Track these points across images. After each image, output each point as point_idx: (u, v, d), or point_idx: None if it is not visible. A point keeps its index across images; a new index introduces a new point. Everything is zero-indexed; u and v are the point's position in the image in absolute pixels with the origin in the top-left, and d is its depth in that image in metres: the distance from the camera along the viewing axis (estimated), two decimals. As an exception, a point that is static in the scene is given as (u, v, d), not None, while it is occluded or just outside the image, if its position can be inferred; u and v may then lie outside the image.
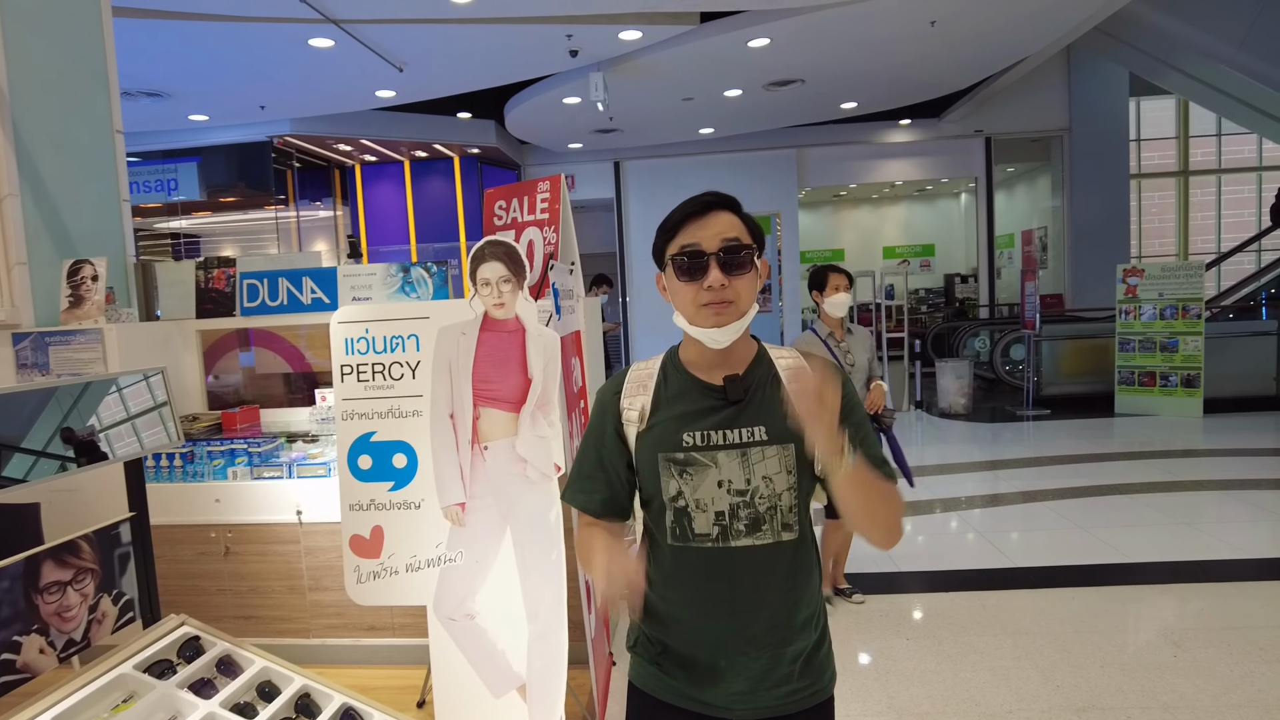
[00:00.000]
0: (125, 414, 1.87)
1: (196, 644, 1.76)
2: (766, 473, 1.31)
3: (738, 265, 1.29)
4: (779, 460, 1.31)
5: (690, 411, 1.34)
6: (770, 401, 1.33)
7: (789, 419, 1.27)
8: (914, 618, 3.64)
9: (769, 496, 1.31)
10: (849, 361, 3.69)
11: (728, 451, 1.31)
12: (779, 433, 1.32)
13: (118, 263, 3.52)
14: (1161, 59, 10.21)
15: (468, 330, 2.57)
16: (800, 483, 1.33)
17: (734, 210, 1.34)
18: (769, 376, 1.37)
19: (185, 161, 9.64)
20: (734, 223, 1.32)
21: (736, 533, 1.31)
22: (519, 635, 2.56)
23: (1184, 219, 13.91)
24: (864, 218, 15.60)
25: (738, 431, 1.32)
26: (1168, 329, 7.98)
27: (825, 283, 3.73)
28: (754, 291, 1.34)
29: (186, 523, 3.24)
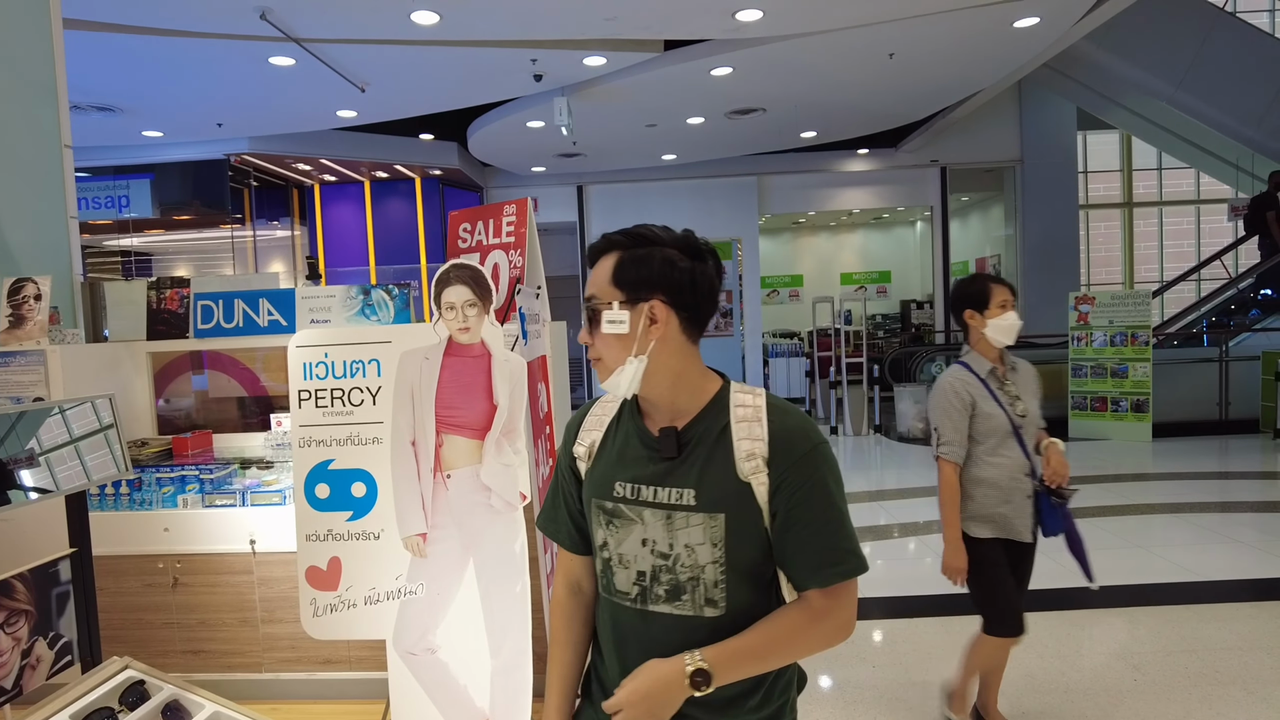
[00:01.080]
0: (68, 441, 1.77)
1: (141, 689, 1.66)
2: (689, 541, 1.19)
3: (596, 323, 1.22)
4: (704, 530, 1.18)
5: (628, 459, 1.25)
6: (710, 460, 1.20)
7: (732, 481, 1.17)
8: (880, 644, 3.63)
9: (690, 567, 1.20)
10: (1019, 411, 2.70)
11: (654, 510, 1.21)
12: (709, 499, 1.18)
13: (64, 281, 3.39)
14: (1106, 95, 10.61)
15: (431, 355, 2.52)
16: (732, 558, 1.18)
17: (617, 252, 1.23)
18: (716, 430, 1.22)
19: (138, 178, 9.39)
20: (603, 274, 1.23)
21: (655, 597, 1.22)
22: (482, 670, 2.48)
23: (1129, 249, 14.38)
24: (822, 244, 15.83)
25: (666, 491, 1.20)
26: (1118, 355, 8.20)
27: (988, 298, 2.70)
28: (619, 348, 1.21)
29: (132, 553, 3.10)
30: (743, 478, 1.17)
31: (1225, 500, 5.85)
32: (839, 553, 1.18)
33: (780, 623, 1.18)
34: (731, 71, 7.48)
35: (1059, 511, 2.77)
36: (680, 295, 1.21)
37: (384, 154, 10.05)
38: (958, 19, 6.40)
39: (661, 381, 1.22)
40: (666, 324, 1.20)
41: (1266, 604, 3.86)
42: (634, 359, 1.20)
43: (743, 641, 1.16)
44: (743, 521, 1.18)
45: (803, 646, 1.19)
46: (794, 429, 1.21)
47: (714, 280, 1.25)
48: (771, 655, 1.18)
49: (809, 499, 1.18)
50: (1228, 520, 5.30)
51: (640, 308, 1.20)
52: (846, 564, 1.18)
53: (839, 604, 1.18)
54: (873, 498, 6.36)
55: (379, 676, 2.91)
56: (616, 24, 6.24)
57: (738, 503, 1.17)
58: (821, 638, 1.19)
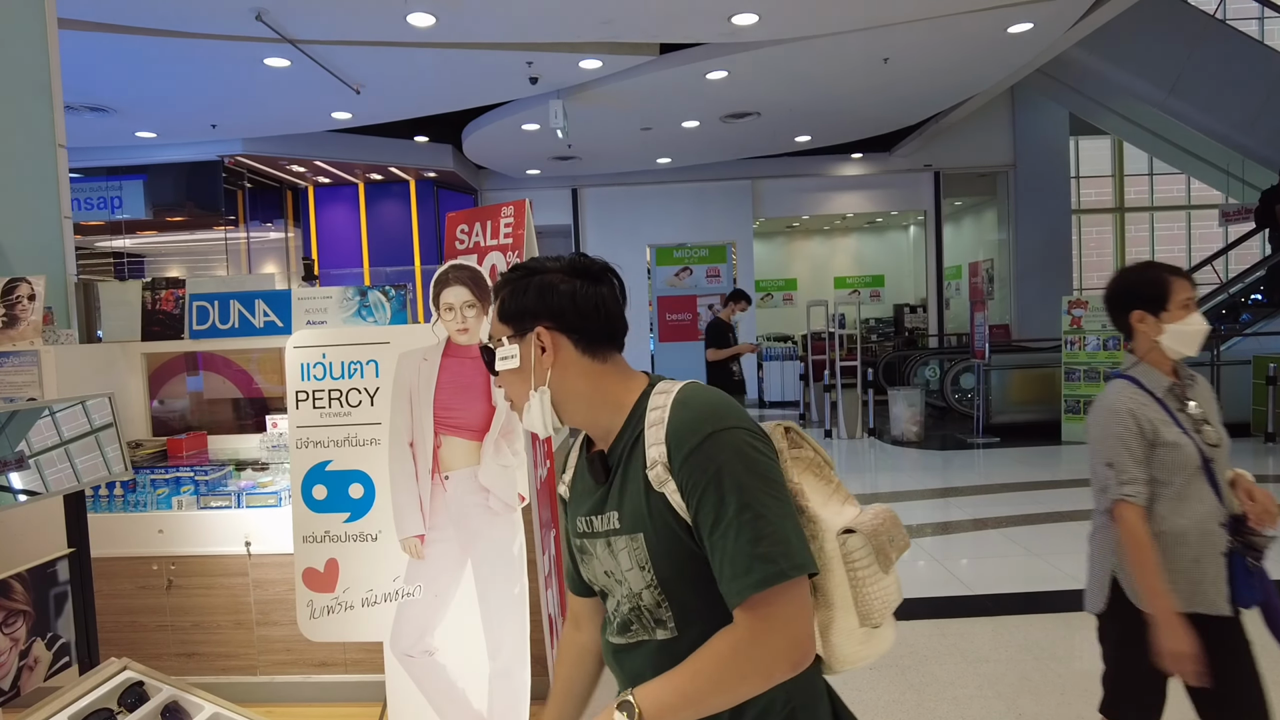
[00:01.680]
0: (63, 442, 1.76)
1: (140, 690, 1.65)
2: (622, 567, 1.11)
3: (493, 370, 1.20)
4: (629, 554, 1.10)
5: (582, 491, 1.21)
6: (628, 478, 1.11)
7: (644, 495, 1.08)
8: (876, 647, 3.63)
9: (629, 596, 1.12)
10: (1209, 440, 1.98)
11: (600, 540, 1.15)
12: (631, 520, 1.10)
13: (57, 281, 3.36)
14: (1098, 101, 10.69)
15: (430, 356, 2.51)
16: (664, 579, 1.08)
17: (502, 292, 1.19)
18: (632, 440, 1.12)
19: (131, 179, 9.36)
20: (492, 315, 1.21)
21: (615, 629, 1.17)
22: (480, 672, 2.48)
23: (1120, 253, 14.47)
24: (816, 248, 15.87)
25: (602, 517, 1.14)
26: (1110, 359, 8.24)
27: (1166, 295, 2.02)
28: (521, 383, 1.16)
29: (126, 555, 3.08)
30: (655, 488, 1.06)
31: (1217, 503, 5.87)
32: (747, 559, 0.98)
33: (706, 654, 1.01)
34: (727, 75, 7.50)
35: (1255, 574, 1.95)
36: (563, 317, 1.14)
37: (378, 156, 10.04)
38: (952, 24, 6.43)
39: (577, 407, 1.16)
40: (556, 348, 1.14)
41: (1260, 606, 3.87)
42: (535, 392, 1.14)
43: (672, 677, 1.02)
44: (664, 537, 1.06)
45: (734, 680, 0.99)
46: (684, 423, 1.06)
47: (599, 297, 1.16)
48: (702, 693, 1.00)
49: (706, 502, 1.02)
50: (1220, 523, 5.32)
51: (528, 339, 1.15)
52: (756, 572, 0.97)
53: (767, 624, 0.98)
54: (866, 501, 6.33)
55: (375, 679, 2.89)
56: (612, 27, 6.26)
57: (653, 518, 1.07)
58: (756, 668, 0.99)
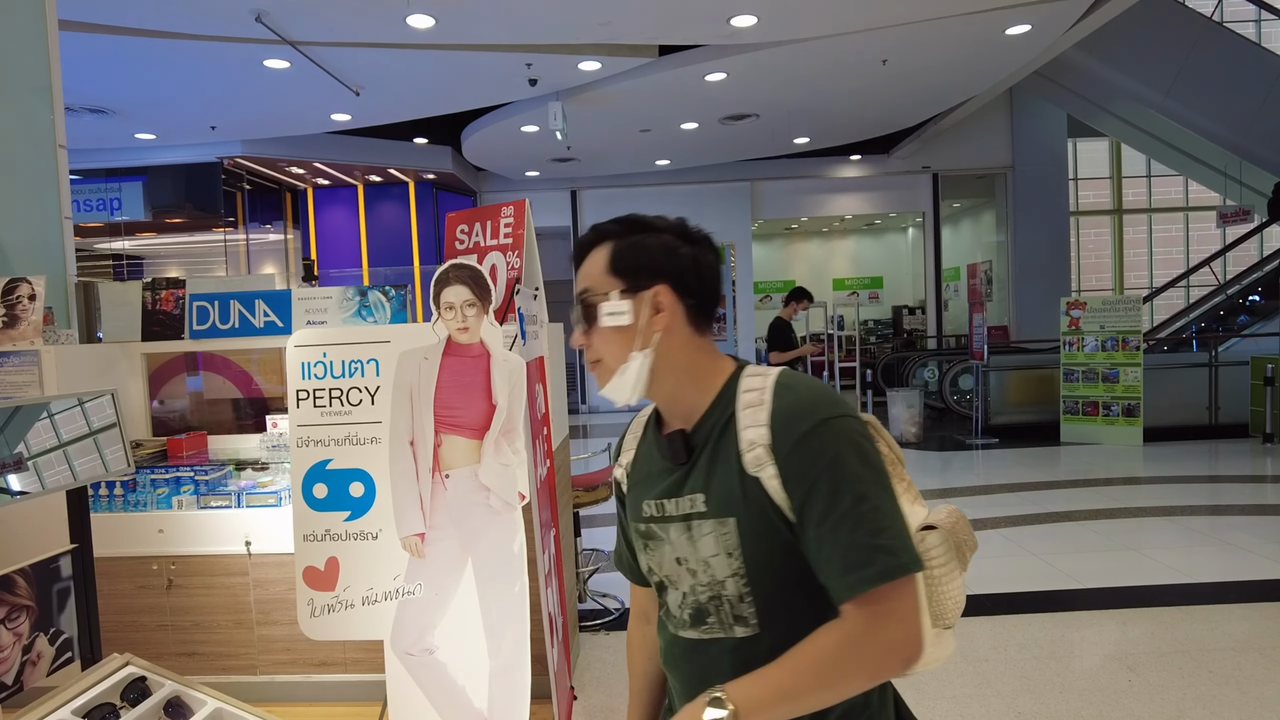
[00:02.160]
0: (64, 439, 1.77)
1: (142, 685, 1.65)
2: (705, 553, 1.05)
3: (592, 320, 1.11)
4: (715, 539, 1.04)
5: (650, 474, 1.15)
6: (717, 459, 1.06)
7: (738, 478, 1.02)
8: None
9: (709, 584, 1.06)
10: None
11: (676, 524, 1.09)
12: (719, 503, 1.04)
13: (58, 282, 3.37)
14: (1096, 103, 10.72)
15: (430, 355, 2.52)
16: (753, 568, 1.03)
17: (610, 242, 1.12)
18: (721, 422, 1.07)
19: (130, 180, 9.37)
20: (595, 263, 1.12)
21: (682, 622, 1.11)
22: (480, 671, 2.48)
23: (1119, 255, 14.50)
24: (814, 250, 15.89)
25: (681, 500, 1.08)
26: (1109, 360, 8.26)
27: None
28: (621, 345, 1.09)
29: (126, 555, 3.08)
30: (750, 472, 1.01)
31: (1216, 504, 5.89)
32: (870, 551, 0.94)
33: (809, 649, 0.96)
34: (725, 77, 7.52)
35: None
36: (684, 281, 1.09)
37: (378, 158, 10.05)
38: (950, 26, 6.45)
39: (668, 380, 1.10)
40: (672, 313, 1.08)
41: (1258, 605, 3.89)
42: (638, 354, 1.07)
43: (769, 674, 0.96)
44: (757, 523, 1.01)
45: (841, 678, 0.95)
46: (794, 408, 1.01)
47: (716, 266, 1.13)
48: (802, 690, 0.94)
49: (817, 491, 0.97)
50: (1218, 523, 5.34)
51: (642, 296, 1.08)
52: (877, 564, 0.93)
53: (882, 618, 0.93)
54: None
55: (376, 678, 2.89)
56: (611, 29, 6.27)
57: (748, 502, 1.01)
58: (866, 665, 0.94)
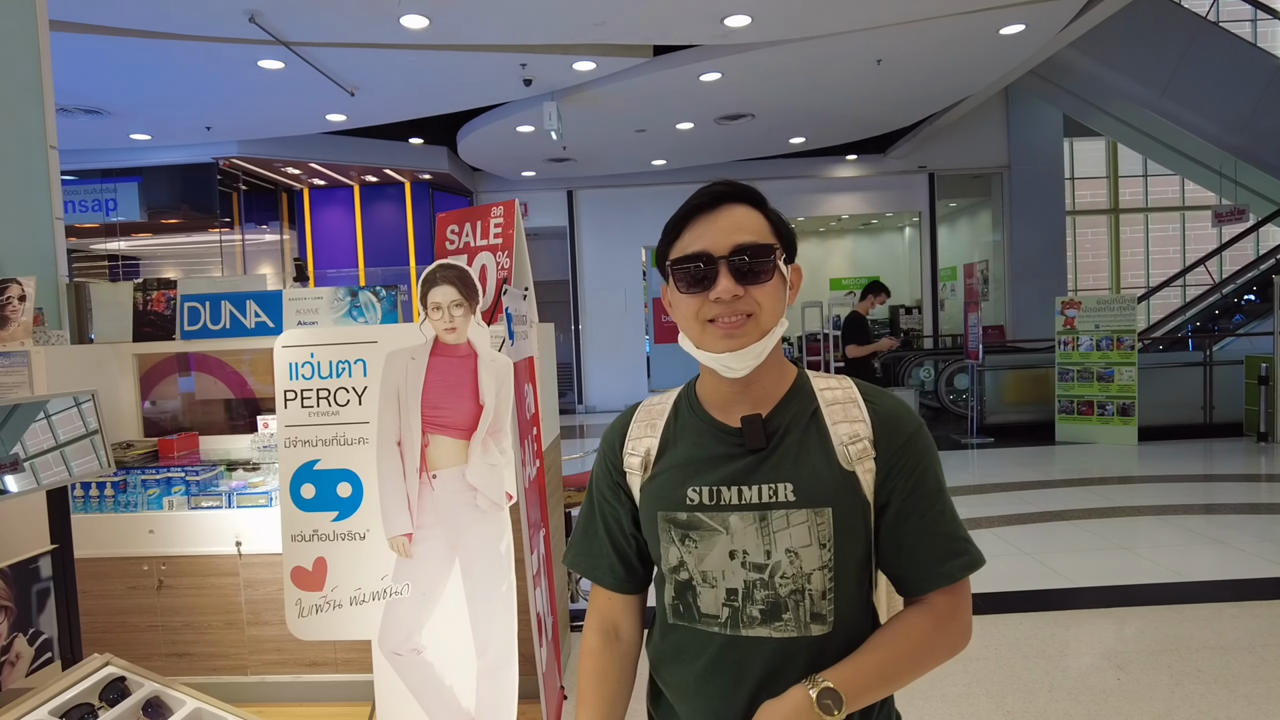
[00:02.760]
0: (52, 440, 1.77)
1: (122, 685, 1.65)
2: (792, 544, 1.02)
3: (757, 272, 1.03)
4: (809, 529, 1.01)
5: (699, 460, 1.08)
6: (805, 449, 1.05)
7: (834, 470, 1.03)
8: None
9: (794, 576, 1.02)
10: None
11: (742, 514, 1.03)
12: (811, 492, 1.02)
13: (49, 283, 3.37)
14: (1091, 102, 10.72)
15: (417, 355, 2.52)
16: (840, 561, 1.03)
17: (754, 203, 1.09)
18: (806, 415, 1.07)
19: (125, 181, 9.36)
20: (752, 218, 1.06)
21: (749, 619, 1.03)
22: (468, 670, 2.48)
23: (1115, 255, 14.51)
24: (811, 250, 15.89)
25: (756, 489, 1.03)
26: (1104, 359, 8.27)
27: None
28: (780, 304, 1.06)
29: (117, 555, 3.08)
30: (846, 466, 1.03)
31: (1210, 503, 5.89)
32: (960, 542, 1.05)
33: (905, 632, 1.03)
34: (720, 77, 7.52)
35: None
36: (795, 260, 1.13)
37: (373, 158, 10.05)
38: (945, 25, 6.46)
39: (771, 357, 1.08)
40: (797, 289, 1.11)
41: (1249, 604, 3.89)
42: (785, 320, 1.08)
43: (867, 659, 1.00)
44: (850, 516, 1.03)
45: (929, 659, 1.03)
46: (898, 411, 1.08)
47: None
48: (899, 672, 1.01)
49: (922, 486, 1.05)
50: (1212, 522, 5.34)
51: (790, 268, 1.10)
52: (969, 554, 1.05)
53: (962, 603, 1.05)
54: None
55: (365, 679, 2.90)
56: (606, 29, 6.27)
57: (843, 494, 1.03)
58: (947, 645, 1.04)
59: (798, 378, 1.12)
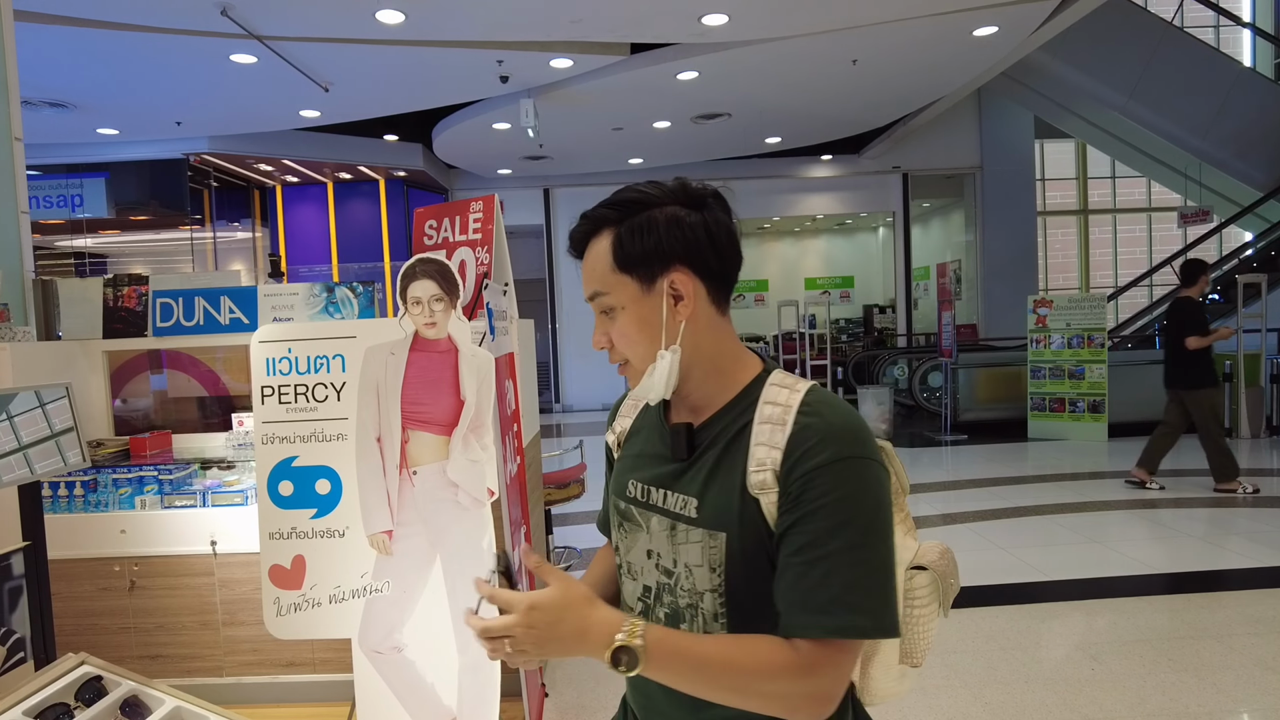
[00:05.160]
0: (22, 435, 1.72)
1: (98, 684, 1.62)
2: (688, 560, 0.98)
3: (609, 314, 1.01)
4: (702, 550, 0.97)
5: (646, 455, 1.08)
6: (720, 467, 0.98)
7: (738, 496, 0.95)
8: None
9: (689, 592, 0.99)
10: None
11: (660, 517, 1.02)
12: (710, 514, 0.97)
13: (14, 277, 3.29)
14: (1061, 104, 10.90)
15: (397, 350, 2.49)
16: (733, 589, 0.96)
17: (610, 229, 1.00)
18: (734, 430, 0.99)
19: (92, 176, 9.16)
20: (600, 260, 1.00)
21: (656, 619, 1.03)
22: (449, 667, 2.46)
23: (1084, 255, 14.75)
24: (786, 250, 15.98)
25: (674, 497, 1.01)
26: (1075, 357, 8.40)
27: None
28: (647, 334, 0.99)
29: (87, 556, 3.02)
30: (751, 492, 0.94)
31: (1177, 497, 6.01)
32: (838, 600, 0.87)
33: (751, 648, 0.90)
34: (697, 76, 7.54)
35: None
36: (700, 257, 0.99)
37: (347, 155, 9.94)
38: (919, 26, 6.52)
39: (696, 370, 1.01)
40: (694, 298, 0.99)
41: (1216, 594, 3.98)
42: (665, 353, 0.98)
43: (696, 644, 0.90)
44: (749, 545, 0.94)
45: (755, 693, 0.89)
46: (818, 433, 0.93)
47: (732, 228, 1.03)
48: (714, 677, 0.89)
49: (813, 518, 0.90)
50: (1179, 515, 5.45)
51: (658, 286, 0.98)
52: (838, 618, 0.87)
53: (825, 665, 0.88)
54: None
55: (344, 678, 2.87)
56: (583, 26, 6.26)
57: (743, 522, 0.94)
58: (785, 698, 0.89)
59: (750, 384, 1.02)
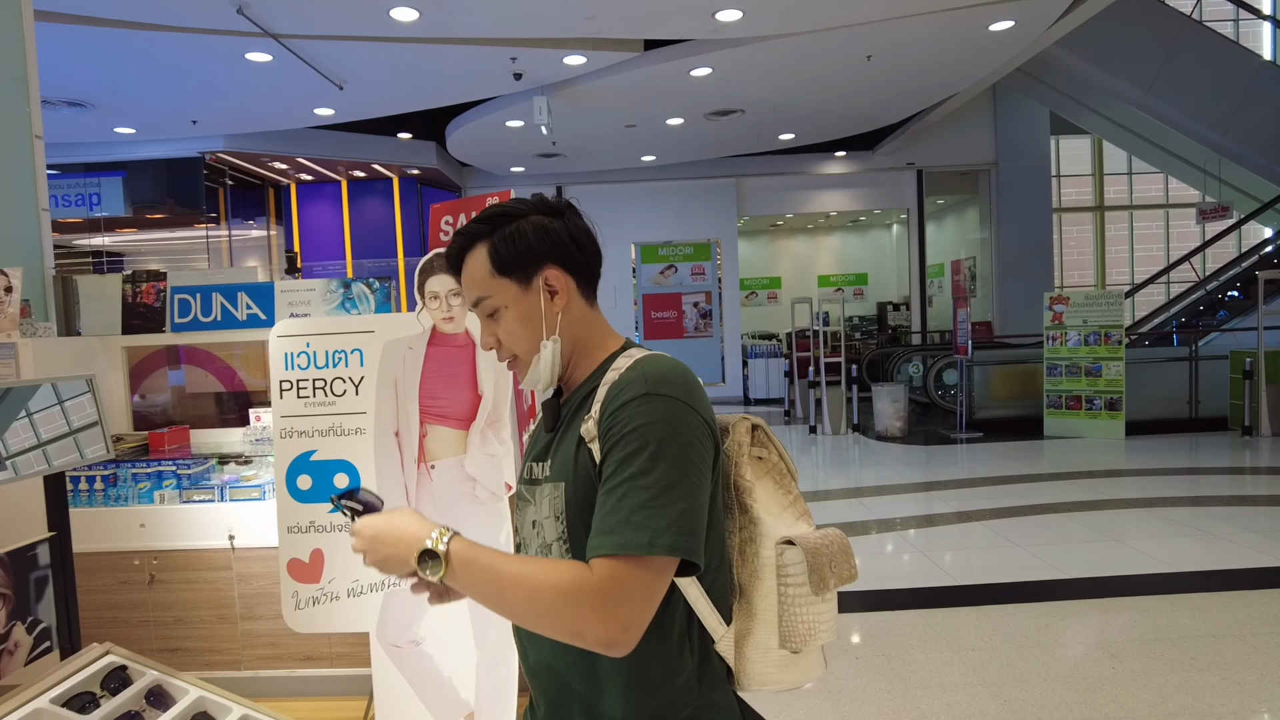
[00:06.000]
0: (41, 429, 1.74)
1: (123, 674, 1.63)
2: (542, 515, 1.09)
3: (493, 316, 1.12)
4: (550, 502, 1.08)
5: (536, 436, 1.20)
6: (569, 430, 1.10)
7: (575, 447, 1.06)
8: (863, 636, 3.65)
9: (540, 547, 1.09)
10: None
11: (539, 487, 1.12)
12: (557, 468, 1.08)
13: (35, 274, 3.32)
14: (1078, 99, 10.80)
15: (415, 345, 2.50)
16: (574, 533, 1.05)
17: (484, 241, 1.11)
18: (583, 396, 1.11)
19: (109, 175, 9.24)
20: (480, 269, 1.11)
21: None
22: (467, 662, 2.46)
23: (1100, 252, 14.63)
24: (800, 247, 15.94)
25: (543, 465, 1.12)
26: (1092, 355, 8.33)
27: None
28: (529, 329, 1.11)
29: (107, 549, 3.04)
30: (586, 441, 1.04)
31: (1196, 495, 5.96)
32: (621, 523, 0.94)
33: (548, 567, 0.97)
34: (711, 72, 7.52)
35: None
36: (568, 256, 1.12)
37: (361, 153, 9.98)
38: (934, 21, 6.48)
39: (573, 356, 1.14)
40: (567, 291, 1.11)
41: (1239, 593, 3.93)
42: (547, 343, 1.10)
43: (498, 559, 0.98)
44: (581, 491, 1.04)
45: (547, 611, 0.94)
46: (633, 378, 1.03)
47: (590, 231, 1.16)
48: (510, 590, 0.96)
49: (614, 451, 0.99)
50: (1199, 514, 5.40)
51: (534, 285, 1.10)
52: (619, 536, 0.93)
53: (616, 591, 0.93)
54: (851, 495, 6.40)
55: (361, 672, 2.87)
56: (597, 23, 6.25)
57: (577, 469, 1.04)
58: (575, 618, 0.93)
59: (606, 359, 1.12)
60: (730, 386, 12.52)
